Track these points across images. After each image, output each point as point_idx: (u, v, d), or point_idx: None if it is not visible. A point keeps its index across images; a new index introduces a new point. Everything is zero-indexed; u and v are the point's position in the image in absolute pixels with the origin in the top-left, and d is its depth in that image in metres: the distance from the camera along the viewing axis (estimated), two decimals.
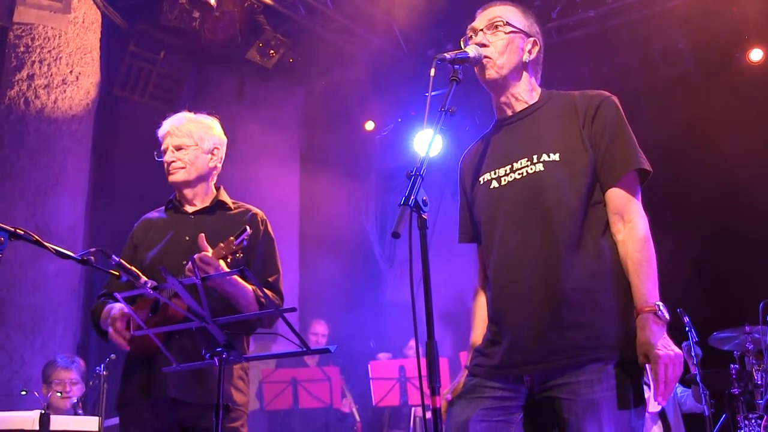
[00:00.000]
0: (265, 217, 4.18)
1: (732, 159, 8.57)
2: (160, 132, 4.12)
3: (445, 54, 2.98)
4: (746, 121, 8.56)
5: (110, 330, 3.74)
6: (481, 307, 3.23)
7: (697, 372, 7.02)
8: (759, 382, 6.74)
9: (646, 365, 2.73)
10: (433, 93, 2.85)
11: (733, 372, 7.07)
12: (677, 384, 7.78)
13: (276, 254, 4.15)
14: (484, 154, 3.24)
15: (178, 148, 4.04)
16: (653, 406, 2.45)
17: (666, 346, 2.71)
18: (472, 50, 3.07)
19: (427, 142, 2.79)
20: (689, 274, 7.93)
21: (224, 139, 4.24)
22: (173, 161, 4.03)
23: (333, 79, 10.75)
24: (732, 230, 8.59)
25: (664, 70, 9.39)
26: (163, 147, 4.09)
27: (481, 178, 3.18)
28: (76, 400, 6.07)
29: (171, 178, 4.06)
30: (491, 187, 3.12)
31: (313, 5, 9.82)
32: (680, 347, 6.99)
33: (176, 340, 3.76)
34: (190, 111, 4.21)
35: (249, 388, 4.06)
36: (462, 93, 3.00)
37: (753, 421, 6.55)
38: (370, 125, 11.49)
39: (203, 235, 3.76)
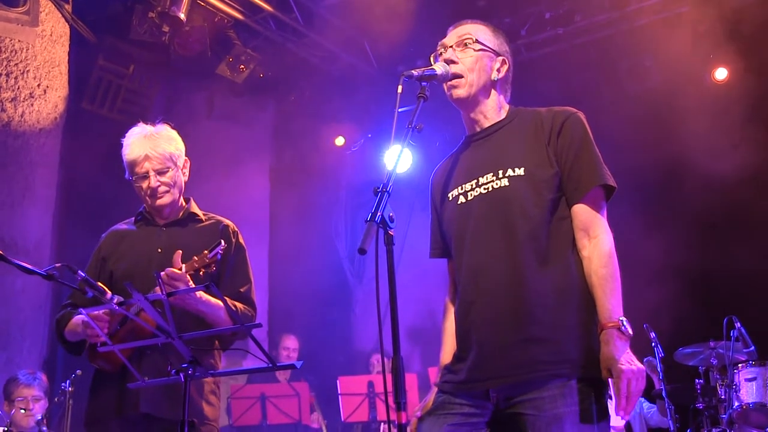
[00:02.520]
0: (236, 229, 4.18)
1: (697, 177, 8.66)
2: (133, 154, 4.00)
3: (413, 71, 3.00)
4: (711, 139, 8.65)
5: (87, 331, 3.67)
6: (450, 323, 3.24)
7: (662, 387, 7.09)
8: (723, 397, 6.79)
9: (609, 379, 2.75)
10: (402, 109, 2.87)
11: (698, 387, 7.16)
12: (644, 399, 7.88)
13: (248, 264, 4.15)
14: (453, 170, 3.27)
15: (161, 173, 3.99)
16: (616, 420, 2.45)
17: (629, 361, 2.74)
18: (439, 67, 3.10)
19: (395, 159, 2.80)
20: (655, 289, 7.98)
21: (183, 146, 4.18)
22: (159, 186, 3.99)
23: (303, 94, 10.76)
24: (698, 247, 8.66)
25: (631, 88, 9.48)
26: (140, 171, 3.99)
27: (449, 194, 3.20)
28: (40, 417, 5.96)
29: (159, 202, 4.02)
30: (459, 202, 3.14)
31: (283, 20, 9.81)
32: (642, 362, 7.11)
33: (148, 356, 3.74)
34: (147, 123, 4.16)
35: (220, 402, 4.05)
36: (432, 108, 3.03)
37: None
38: (340, 141, 11.47)
39: (180, 252, 3.74)
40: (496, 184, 3.04)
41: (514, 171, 3.02)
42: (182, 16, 8.34)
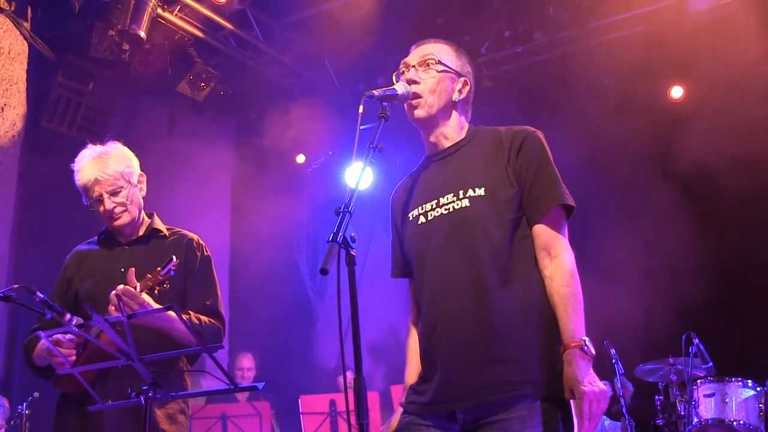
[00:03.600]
0: (201, 242, 4.15)
1: (655, 192, 8.76)
2: (83, 179, 3.97)
3: (374, 91, 3.00)
4: (669, 156, 8.77)
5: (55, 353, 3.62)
6: (414, 342, 3.22)
7: (623, 404, 7.15)
8: (682, 413, 6.88)
9: (571, 401, 2.76)
10: (363, 127, 2.86)
11: (658, 403, 7.25)
12: (606, 416, 7.92)
13: (214, 276, 4.12)
14: (413, 189, 3.25)
15: (114, 193, 3.95)
16: None
17: (592, 382, 2.74)
18: (400, 87, 3.09)
19: (356, 178, 2.80)
20: (615, 307, 8.03)
21: (137, 161, 4.15)
22: (114, 207, 3.96)
23: (264, 111, 10.73)
24: (655, 264, 8.75)
25: (589, 105, 9.56)
26: (94, 195, 3.95)
27: (410, 214, 3.19)
28: None
29: (117, 223, 3.98)
30: (419, 222, 3.13)
31: (244, 38, 9.81)
32: (613, 383, 7.17)
33: (113, 377, 3.70)
34: (103, 141, 4.14)
35: (189, 421, 4.00)
36: (393, 127, 3.03)
37: None
38: (301, 158, 11.48)
39: (133, 270, 3.71)
40: (457, 204, 3.04)
41: (474, 191, 3.02)
42: (142, 34, 8.30)
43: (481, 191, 3.01)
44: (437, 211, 3.09)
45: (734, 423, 6.54)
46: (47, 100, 9.07)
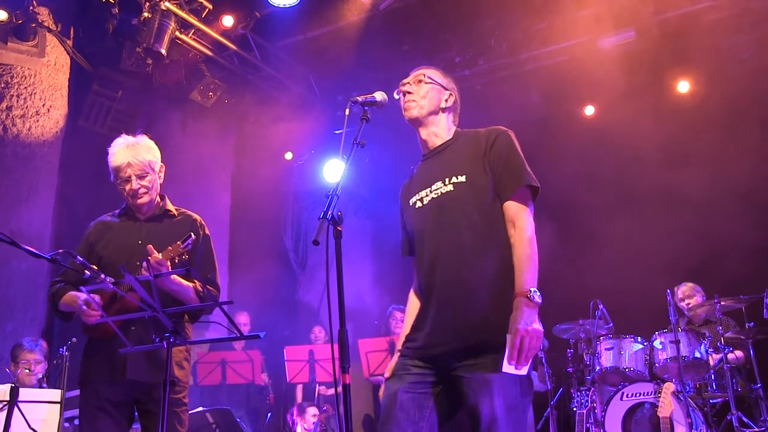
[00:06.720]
0: (203, 222, 4.09)
1: (574, 188, 8.82)
2: (117, 161, 3.86)
3: (358, 97, 3.06)
4: (584, 165, 8.87)
5: (84, 308, 3.56)
6: (413, 305, 3.24)
7: (543, 356, 7.24)
8: (588, 363, 7.04)
9: (507, 335, 2.75)
10: (344, 131, 2.89)
11: (569, 355, 7.39)
12: None
13: (213, 253, 4.07)
14: (413, 182, 3.31)
15: (141, 177, 3.87)
16: (506, 368, 2.45)
17: (527, 322, 2.73)
18: (378, 95, 3.14)
19: (341, 168, 2.79)
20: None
21: (160, 154, 4.06)
22: (139, 188, 3.88)
23: (260, 116, 10.66)
24: (571, 247, 8.79)
25: (522, 119, 9.60)
26: (124, 175, 3.86)
27: (410, 201, 3.25)
28: (41, 376, 5.86)
29: (139, 202, 3.89)
30: (416, 207, 3.18)
31: (245, 57, 9.74)
32: None
33: (134, 330, 3.66)
34: (127, 134, 4.06)
35: (190, 367, 3.97)
36: (367, 131, 3.02)
37: (583, 392, 6.81)
38: (288, 155, 11.42)
39: (151, 246, 3.64)
40: (444, 189, 3.08)
41: (457, 178, 3.06)
42: (163, 51, 8.23)
43: (462, 178, 3.06)
44: (429, 196, 3.13)
45: (626, 370, 6.65)
46: (84, 104, 8.99)
